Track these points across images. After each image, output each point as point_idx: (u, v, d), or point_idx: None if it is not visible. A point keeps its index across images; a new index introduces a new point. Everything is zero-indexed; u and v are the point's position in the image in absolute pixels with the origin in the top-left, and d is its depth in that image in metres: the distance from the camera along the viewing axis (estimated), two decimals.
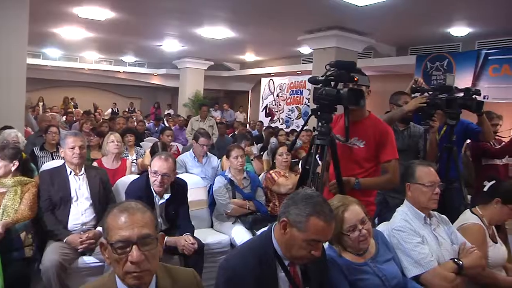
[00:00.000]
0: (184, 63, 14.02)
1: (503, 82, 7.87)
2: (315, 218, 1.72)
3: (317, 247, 1.73)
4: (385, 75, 10.71)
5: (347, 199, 2.17)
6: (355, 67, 2.35)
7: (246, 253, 1.82)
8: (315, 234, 1.72)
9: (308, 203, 1.75)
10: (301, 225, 1.72)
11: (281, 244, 1.80)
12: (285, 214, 1.77)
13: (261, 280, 1.73)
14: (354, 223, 2.07)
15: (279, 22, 8.19)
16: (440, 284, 2.26)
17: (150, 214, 1.52)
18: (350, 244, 2.10)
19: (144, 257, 1.42)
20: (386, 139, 2.76)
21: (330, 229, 1.76)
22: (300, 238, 1.72)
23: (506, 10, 6.54)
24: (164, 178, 3.20)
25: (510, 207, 2.72)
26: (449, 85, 3.48)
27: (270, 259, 1.79)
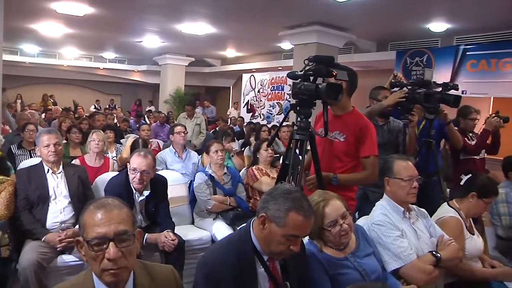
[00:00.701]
0: (165, 59, 13.91)
1: (480, 77, 7.98)
2: (294, 213, 1.71)
3: (296, 242, 1.73)
4: (365, 71, 10.73)
5: (328, 194, 2.18)
6: (333, 62, 2.35)
7: (225, 249, 1.81)
8: (294, 229, 1.71)
9: (287, 198, 1.74)
10: (280, 220, 1.71)
11: (260, 240, 1.79)
12: (264, 210, 1.76)
13: (240, 276, 1.73)
14: (335, 218, 2.08)
15: (259, 18, 8.17)
16: (418, 277, 2.29)
17: (127, 210, 1.51)
18: (331, 239, 2.10)
19: (121, 254, 1.41)
20: (366, 135, 2.77)
21: (309, 224, 1.76)
22: (279, 234, 1.72)
23: (484, 7, 6.63)
24: (143, 175, 3.18)
25: (485, 200, 2.78)
26: (428, 80, 3.51)
27: (249, 254, 1.78)
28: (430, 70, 3.85)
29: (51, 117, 10.19)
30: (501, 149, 4.56)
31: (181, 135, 4.97)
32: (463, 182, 2.88)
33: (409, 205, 2.55)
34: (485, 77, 7.91)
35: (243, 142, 7.47)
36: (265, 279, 1.80)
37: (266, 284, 1.80)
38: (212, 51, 13.43)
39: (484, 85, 7.94)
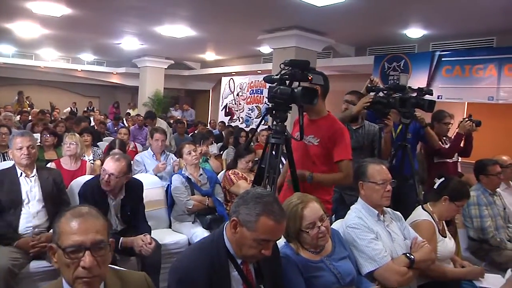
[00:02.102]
0: (144, 61, 13.81)
1: (455, 82, 8.14)
2: (265, 218, 1.71)
3: (267, 246, 1.73)
4: (344, 75, 10.86)
5: (307, 197, 2.19)
6: (308, 66, 2.38)
7: (198, 253, 1.81)
8: (265, 234, 1.71)
9: (258, 202, 1.74)
10: (251, 224, 1.71)
11: (232, 243, 1.79)
12: (236, 214, 1.76)
13: (214, 280, 1.72)
14: (313, 220, 2.09)
15: (239, 21, 8.18)
16: (393, 278, 2.32)
17: (103, 220, 1.53)
18: (309, 241, 2.11)
19: (96, 263, 1.42)
20: (339, 139, 2.79)
21: (281, 228, 1.76)
22: (250, 238, 1.72)
23: (458, 15, 6.78)
24: (110, 178, 3.14)
25: (457, 204, 2.84)
26: (403, 85, 3.58)
27: (222, 258, 1.78)
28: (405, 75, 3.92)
29: (26, 119, 10.01)
30: (474, 152, 4.66)
31: (159, 144, 4.97)
32: (436, 186, 2.94)
33: (384, 208, 2.58)
34: (460, 83, 8.07)
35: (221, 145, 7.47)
36: (238, 283, 1.80)
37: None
38: (192, 54, 13.38)
39: (459, 91, 8.10)
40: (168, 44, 10.87)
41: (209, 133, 7.58)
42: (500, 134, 8.07)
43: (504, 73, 7.48)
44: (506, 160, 4.25)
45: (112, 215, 3.29)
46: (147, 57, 13.50)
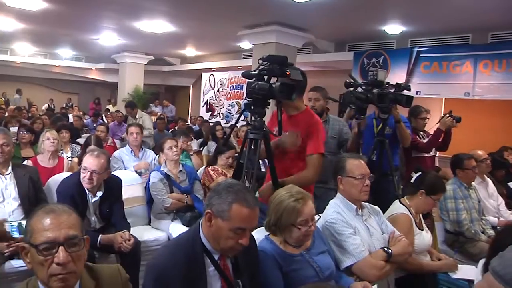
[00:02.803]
0: (123, 57, 13.64)
1: (433, 78, 8.27)
2: (237, 205, 1.72)
3: (244, 235, 1.73)
4: (324, 71, 10.92)
5: (306, 194, 2.19)
6: (286, 62, 2.38)
7: (174, 250, 1.80)
8: (240, 221, 1.71)
9: (230, 191, 1.75)
10: (225, 214, 1.72)
11: (209, 238, 1.79)
12: (209, 206, 1.77)
13: (190, 277, 1.72)
14: (307, 218, 2.10)
15: (219, 17, 8.14)
16: (371, 272, 2.35)
17: (76, 216, 1.52)
18: (295, 236, 2.12)
19: (70, 259, 1.42)
20: (313, 132, 2.80)
21: (254, 215, 1.76)
22: (226, 228, 1.72)
23: (436, 12, 6.87)
24: (93, 175, 3.10)
25: (433, 197, 2.90)
26: (381, 80, 3.62)
27: (198, 254, 1.78)
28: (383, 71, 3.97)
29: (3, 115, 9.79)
30: (451, 147, 4.74)
31: (134, 136, 4.95)
32: (413, 180, 2.98)
33: (362, 203, 2.61)
34: (437, 79, 8.20)
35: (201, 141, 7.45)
36: (215, 278, 1.80)
37: (217, 283, 1.80)
38: (172, 50, 13.28)
39: (437, 86, 8.24)
40: (148, 39, 10.76)
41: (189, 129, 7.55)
42: (476, 129, 8.23)
43: (480, 70, 7.63)
44: (481, 154, 4.35)
45: (91, 212, 3.25)
46: (127, 53, 13.35)
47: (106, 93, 18.72)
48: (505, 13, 6.66)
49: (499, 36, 7.63)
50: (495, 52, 7.49)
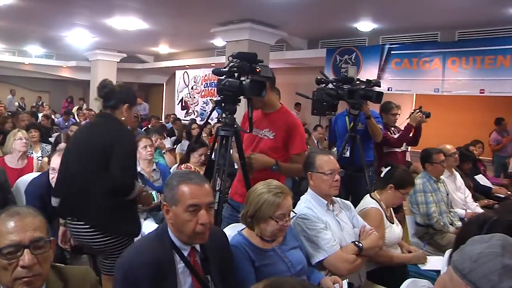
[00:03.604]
0: (95, 55, 13.42)
1: (404, 75, 8.43)
2: (183, 185, 1.75)
3: (201, 214, 1.74)
4: (297, 68, 10.99)
5: (286, 189, 2.21)
6: (256, 59, 2.40)
7: (142, 247, 1.80)
8: (189, 199, 1.74)
9: (174, 178, 1.81)
10: (175, 198, 1.75)
11: (175, 231, 1.80)
12: (164, 200, 1.81)
13: (159, 274, 1.72)
14: (285, 212, 2.12)
15: (191, 14, 8.11)
16: (342, 266, 2.38)
17: (41, 218, 1.49)
18: (272, 230, 2.12)
19: (36, 261, 1.39)
20: (295, 132, 2.86)
21: (203, 191, 1.78)
22: (181, 211, 1.74)
23: (406, 9, 7.00)
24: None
25: (402, 191, 2.96)
26: (351, 77, 3.67)
27: (167, 251, 1.78)
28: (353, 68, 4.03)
29: None
30: (421, 142, 4.84)
31: None
32: (383, 174, 3.04)
33: (333, 198, 2.64)
34: (408, 75, 8.37)
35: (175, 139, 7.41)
36: (186, 275, 1.80)
37: (188, 279, 1.80)
38: (145, 47, 13.15)
39: (407, 83, 8.40)
40: (120, 37, 10.61)
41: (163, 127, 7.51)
42: (446, 124, 8.43)
43: (448, 66, 7.83)
44: (450, 149, 4.45)
45: None
46: (99, 50, 13.14)
47: (78, 92, 18.36)
48: (471, 12, 6.85)
49: (466, 34, 7.85)
50: (462, 50, 7.70)
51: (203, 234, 1.77)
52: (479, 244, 1.15)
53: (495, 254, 1.09)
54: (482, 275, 1.07)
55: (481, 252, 1.11)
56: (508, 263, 1.06)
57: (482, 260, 1.09)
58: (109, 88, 2.75)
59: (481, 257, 1.10)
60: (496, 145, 8.34)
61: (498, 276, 1.05)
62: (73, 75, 16.65)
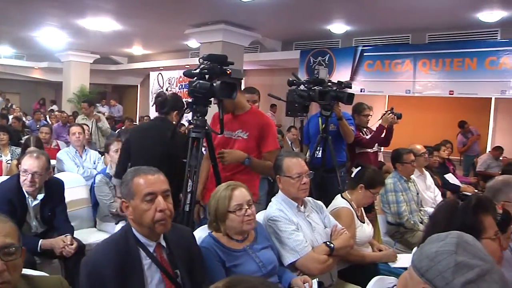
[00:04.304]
0: (67, 56, 13.23)
1: (376, 76, 8.59)
2: (136, 178, 1.80)
3: (158, 201, 1.77)
4: (271, 69, 11.07)
5: (237, 182, 2.25)
6: (227, 61, 2.41)
7: (106, 246, 1.80)
8: (145, 188, 1.77)
9: (129, 173, 1.85)
10: (131, 191, 1.78)
11: (136, 226, 1.81)
12: (122, 197, 1.84)
13: (125, 270, 1.72)
14: (241, 202, 2.14)
15: (165, 15, 8.07)
16: (313, 266, 2.40)
17: (12, 224, 1.46)
18: (235, 224, 2.14)
19: (5, 268, 1.36)
20: (268, 131, 2.91)
21: (158, 179, 1.82)
22: (138, 202, 1.77)
23: (378, 12, 7.14)
24: (34, 177, 3.00)
25: (372, 191, 3.00)
26: (322, 78, 3.71)
27: (132, 248, 1.78)
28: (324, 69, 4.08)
29: None
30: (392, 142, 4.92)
31: (76, 136, 4.83)
32: (353, 175, 3.09)
33: (305, 199, 2.66)
34: (380, 77, 8.53)
35: None
36: (153, 271, 1.80)
37: (156, 275, 1.80)
38: (118, 48, 13.02)
39: (380, 84, 8.56)
40: (93, 38, 10.48)
41: None
42: (417, 124, 8.60)
43: (419, 68, 8.02)
44: (420, 149, 4.55)
45: (31, 216, 3.13)
46: (71, 51, 12.96)
47: (50, 93, 18.02)
48: (441, 15, 7.03)
49: (435, 37, 8.04)
50: (433, 52, 7.90)
51: (164, 221, 1.78)
52: (435, 243, 1.18)
53: (449, 252, 1.12)
54: (438, 273, 1.11)
55: (437, 250, 1.14)
56: (461, 260, 1.10)
57: (437, 259, 1.12)
58: (163, 97, 3.47)
59: (436, 256, 1.13)
60: (462, 146, 8.58)
61: (451, 274, 1.08)
62: (45, 76, 16.35)
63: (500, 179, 2.52)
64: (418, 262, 1.17)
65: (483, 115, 8.73)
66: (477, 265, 1.09)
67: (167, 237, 1.88)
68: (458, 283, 1.07)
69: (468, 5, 6.48)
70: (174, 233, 1.91)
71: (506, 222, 1.97)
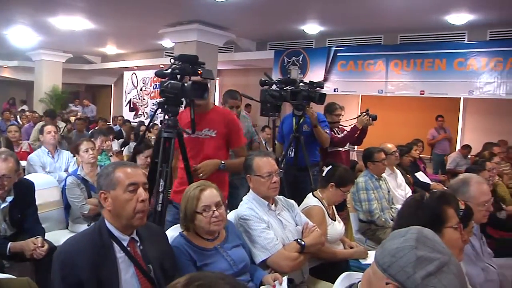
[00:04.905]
0: (39, 55, 12.97)
1: (349, 76, 8.71)
2: (118, 170, 1.84)
3: (140, 191, 1.81)
4: (246, 69, 11.12)
5: (207, 183, 2.27)
6: (198, 61, 2.42)
7: (80, 239, 1.82)
8: (128, 178, 1.81)
9: (109, 166, 1.90)
10: (113, 182, 1.81)
11: (113, 218, 1.83)
12: (101, 189, 1.85)
13: (98, 263, 1.72)
14: (209, 203, 2.16)
15: (139, 14, 8.00)
16: (284, 264, 2.43)
17: None
18: (203, 225, 2.16)
19: None
20: (235, 127, 2.99)
21: (139, 171, 1.88)
22: (121, 192, 1.80)
23: (350, 13, 7.24)
24: (3, 179, 2.95)
25: (342, 189, 3.06)
26: (294, 78, 3.75)
27: (105, 241, 1.79)
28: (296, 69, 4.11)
29: None
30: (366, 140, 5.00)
31: (52, 134, 4.77)
32: (324, 173, 3.14)
33: (276, 197, 2.70)
34: (354, 77, 8.66)
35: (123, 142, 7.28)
36: (127, 264, 1.81)
37: (130, 269, 1.81)
38: (92, 48, 12.83)
39: (353, 84, 8.68)
40: (66, 36, 10.31)
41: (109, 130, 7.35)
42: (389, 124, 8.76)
43: (391, 68, 8.17)
44: (391, 148, 4.63)
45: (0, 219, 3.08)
46: (43, 50, 12.70)
47: (21, 93, 17.59)
48: (412, 17, 7.19)
49: (407, 38, 8.21)
50: (404, 53, 8.07)
51: (143, 213, 1.82)
52: (396, 239, 1.22)
53: (410, 248, 1.17)
54: (400, 268, 1.15)
55: (398, 247, 1.19)
56: (421, 254, 1.15)
57: (399, 254, 1.17)
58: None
59: (398, 252, 1.17)
60: (431, 139, 8.76)
61: (412, 268, 1.13)
62: (15, 75, 15.94)
63: (460, 178, 2.61)
64: (380, 258, 1.21)
65: (453, 115, 8.95)
66: (436, 258, 1.14)
67: (140, 233, 1.90)
68: (419, 276, 1.12)
69: (437, 8, 6.65)
70: (146, 230, 1.94)
71: (467, 217, 2.06)
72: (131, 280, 1.80)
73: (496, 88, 7.31)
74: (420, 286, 1.11)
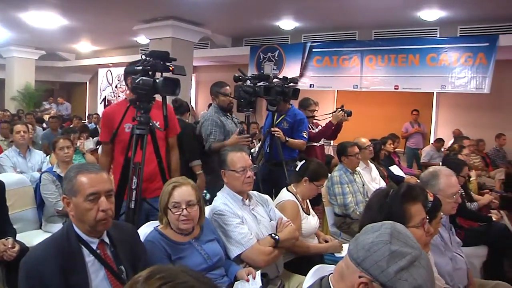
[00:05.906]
0: (10, 51, 12.67)
1: (325, 72, 8.78)
2: (80, 176, 1.77)
3: (101, 201, 1.76)
4: (222, 65, 11.11)
5: (186, 180, 2.25)
6: (169, 57, 2.41)
7: (46, 245, 1.77)
8: (88, 187, 1.75)
9: (72, 169, 1.83)
10: (74, 189, 1.76)
11: (77, 222, 1.79)
12: (63, 194, 1.81)
13: (66, 268, 1.69)
14: (179, 201, 2.16)
15: (113, 10, 7.90)
16: (259, 258, 2.45)
17: None
18: (172, 220, 2.18)
19: None
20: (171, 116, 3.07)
21: (100, 178, 1.80)
22: (81, 201, 1.75)
23: (326, 9, 7.29)
24: None
25: (316, 184, 3.09)
26: (267, 74, 3.77)
27: (73, 245, 1.76)
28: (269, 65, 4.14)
29: None
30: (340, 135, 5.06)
31: (21, 135, 4.67)
32: (298, 168, 3.17)
33: (250, 192, 2.71)
34: (329, 72, 8.72)
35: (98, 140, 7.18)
36: (97, 268, 1.79)
37: (100, 273, 1.79)
38: (65, 44, 12.60)
39: (328, 79, 8.75)
40: (38, 33, 10.10)
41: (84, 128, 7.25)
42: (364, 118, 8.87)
43: (365, 64, 8.27)
44: (365, 142, 4.69)
45: None
46: (14, 47, 12.42)
47: None
48: (386, 13, 7.28)
49: (381, 34, 8.32)
50: (378, 48, 8.17)
51: (106, 220, 1.78)
52: (370, 234, 1.24)
53: (384, 242, 1.19)
54: (373, 262, 1.18)
55: (372, 241, 1.21)
56: (395, 249, 1.18)
57: (373, 249, 1.19)
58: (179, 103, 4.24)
59: (372, 246, 1.20)
60: (405, 132, 8.92)
61: (386, 262, 1.16)
62: None
63: (430, 171, 2.67)
64: (354, 252, 1.23)
65: (426, 109, 9.12)
66: (408, 252, 1.17)
67: (110, 234, 1.87)
68: (392, 270, 1.14)
69: (409, 4, 6.76)
70: (117, 230, 1.91)
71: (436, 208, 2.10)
72: (102, 283, 1.78)
73: (467, 83, 7.47)
74: (392, 280, 1.14)
